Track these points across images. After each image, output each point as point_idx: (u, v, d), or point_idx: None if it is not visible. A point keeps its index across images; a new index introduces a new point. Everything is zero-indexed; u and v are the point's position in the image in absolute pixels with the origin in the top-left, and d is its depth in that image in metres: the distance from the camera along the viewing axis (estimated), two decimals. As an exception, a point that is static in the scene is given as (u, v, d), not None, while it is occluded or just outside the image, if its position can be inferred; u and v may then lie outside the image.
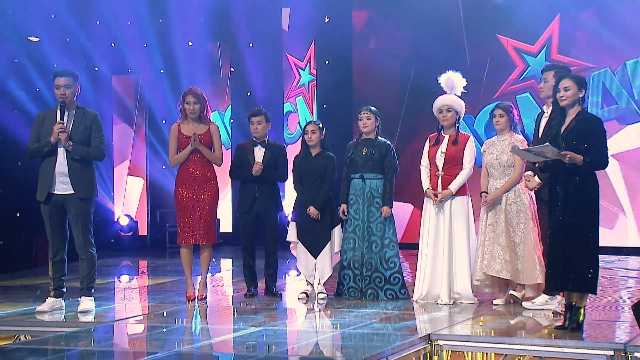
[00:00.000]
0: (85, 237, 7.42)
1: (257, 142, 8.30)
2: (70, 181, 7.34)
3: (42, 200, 7.37)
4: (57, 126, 7.26)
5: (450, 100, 7.84)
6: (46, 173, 7.36)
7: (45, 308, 7.46)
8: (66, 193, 7.36)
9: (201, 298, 8.08)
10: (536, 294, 7.40)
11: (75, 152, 7.32)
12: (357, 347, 6.11)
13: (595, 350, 5.82)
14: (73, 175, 7.34)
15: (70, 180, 7.34)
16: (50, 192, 7.34)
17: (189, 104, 8.02)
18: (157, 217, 14.78)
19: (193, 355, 6.00)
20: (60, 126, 7.25)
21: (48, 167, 7.36)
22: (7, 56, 11.82)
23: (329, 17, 13.81)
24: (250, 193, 8.25)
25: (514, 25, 12.65)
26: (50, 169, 7.35)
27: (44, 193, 7.35)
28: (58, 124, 7.27)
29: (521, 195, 7.45)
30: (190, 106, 8.02)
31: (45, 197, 7.34)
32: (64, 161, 7.34)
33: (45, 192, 7.34)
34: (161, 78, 14.46)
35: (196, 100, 8.02)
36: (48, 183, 7.34)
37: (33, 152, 7.43)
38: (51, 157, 7.35)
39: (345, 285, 8.12)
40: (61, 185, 7.35)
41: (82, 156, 7.35)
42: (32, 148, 7.42)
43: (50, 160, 7.35)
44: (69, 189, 7.35)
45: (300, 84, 14.43)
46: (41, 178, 7.40)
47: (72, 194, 7.35)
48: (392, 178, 8.06)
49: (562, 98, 6.28)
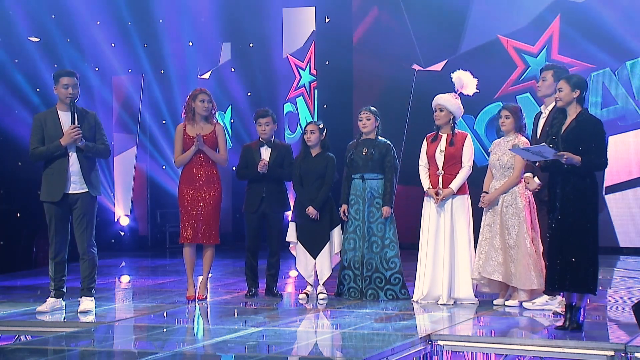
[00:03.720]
0: (88, 237, 7.44)
1: (263, 142, 8.31)
2: (85, 180, 7.38)
3: (55, 200, 7.37)
4: (74, 131, 7.28)
5: (444, 100, 7.84)
6: (57, 174, 7.36)
7: (45, 308, 7.46)
8: (79, 192, 7.40)
9: (201, 298, 8.08)
10: (529, 298, 7.40)
11: (88, 150, 7.38)
12: (357, 348, 6.11)
13: (596, 351, 5.83)
14: (86, 174, 7.40)
15: (85, 179, 7.39)
16: (65, 193, 7.36)
17: (203, 101, 8.03)
18: (158, 217, 14.77)
19: (193, 355, 6.00)
20: (77, 131, 7.28)
21: (60, 168, 7.36)
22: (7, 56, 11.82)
23: (329, 18, 13.81)
24: (257, 193, 8.25)
25: (515, 25, 12.66)
26: (63, 169, 7.35)
27: (58, 194, 7.35)
28: (74, 129, 7.28)
29: (517, 198, 7.45)
30: (204, 104, 8.03)
31: (60, 197, 7.35)
32: (76, 161, 7.37)
33: (60, 192, 7.35)
34: (162, 78, 14.46)
35: (209, 98, 8.07)
36: (62, 184, 7.35)
37: (40, 155, 7.40)
38: (62, 158, 7.36)
39: (346, 285, 8.12)
40: (74, 185, 7.38)
41: (94, 153, 7.44)
42: (40, 151, 7.39)
43: (62, 161, 7.36)
44: (82, 187, 7.40)
45: (300, 84, 14.42)
46: (51, 179, 7.38)
47: (86, 192, 7.40)
48: (392, 178, 8.06)
49: (556, 99, 6.38)
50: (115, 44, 14.14)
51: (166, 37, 14.29)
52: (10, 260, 11.23)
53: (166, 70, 14.43)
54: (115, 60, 14.26)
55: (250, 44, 14.40)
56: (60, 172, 7.36)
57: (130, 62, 14.45)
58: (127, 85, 14.62)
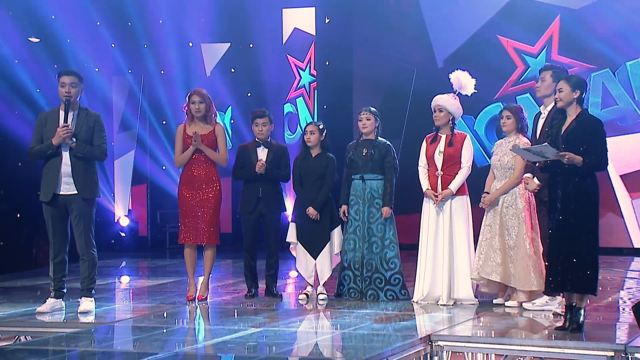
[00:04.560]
0: (86, 238, 7.43)
1: (259, 142, 8.31)
2: (74, 181, 7.35)
3: (46, 201, 7.37)
4: (62, 129, 7.27)
5: (443, 100, 7.84)
6: (51, 174, 7.37)
7: (45, 309, 7.46)
8: (70, 193, 7.37)
9: (202, 299, 8.08)
10: (529, 299, 7.40)
11: (78, 150, 7.34)
12: (357, 348, 6.11)
13: (596, 351, 5.82)
14: (77, 176, 7.36)
15: (74, 180, 7.35)
16: (56, 193, 7.36)
17: (194, 103, 8.04)
18: (158, 218, 14.78)
19: (193, 356, 6.00)
20: (65, 129, 7.26)
21: (53, 168, 7.36)
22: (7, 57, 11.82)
23: (329, 18, 13.82)
24: (253, 193, 8.25)
25: (515, 25, 12.66)
26: (56, 169, 7.35)
27: (49, 194, 7.36)
28: (63, 127, 7.27)
29: (517, 199, 7.45)
30: (195, 105, 8.04)
31: (50, 198, 7.35)
32: (69, 162, 7.36)
33: (50, 193, 7.35)
34: (161, 79, 14.46)
35: (201, 99, 8.05)
36: (53, 184, 7.35)
37: (36, 153, 7.43)
38: (55, 158, 7.35)
39: (346, 286, 8.12)
40: (65, 185, 7.37)
41: (84, 154, 7.37)
42: (35, 150, 7.42)
43: (55, 161, 7.36)
44: (72, 189, 7.37)
45: (300, 85, 14.42)
46: (45, 179, 7.40)
47: (76, 194, 7.37)
48: (392, 178, 8.06)
49: (557, 99, 6.37)
50: (115, 45, 14.15)
51: (166, 38, 14.29)
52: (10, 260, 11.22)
53: (166, 71, 14.43)
54: (116, 60, 14.27)
55: (250, 44, 14.40)
56: (53, 172, 7.36)
57: (130, 62, 14.45)
58: (128, 85, 14.63)
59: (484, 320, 7.01)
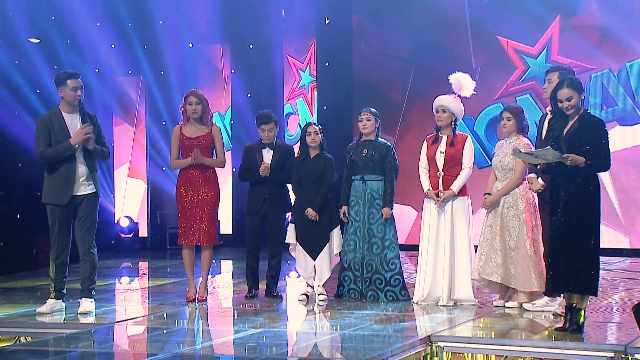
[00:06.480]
0: (91, 237, 7.47)
1: (265, 144, 8.31)
2: (93, 181, 7.44)
3: (63, 204, 7.37)
4: (85, 130, 7.31)
5: (446, 101, 7.83)
6: (65, 176, 7.36)
7: (45, 309, 7.46)
8: (86, 193, 7.42)
9: (201, 299, 8.08)
10: (529, 300, 7.40)
11: (96, 153, 7.45)
12: (357, 349, 6.11)
13: (596, 352, 5.83)
14: (93, 175, 7.46)
15: (93, 180, 7.45)
16: (73, 195, 7.38)
17: (191, 104, 8.05)
18: (158, 219, 14.78)
19: (193, 356, 6.00)
20: (87, 130, 7.31)
21: (67, 170, 7.36)
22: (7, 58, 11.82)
23: (329, 19, 13.82)
24: (259, 195, 8.25)
25: (514, 26, 12.66)
26: (71, 171, 7.36)
27: (66, 196, 7.36)
28: (85, 128, 7.31)
29: (518, 200, 7.44)
30: (192, 106, 8.04)
31: (68, 200, 7.36)
32: (83, 162, 7.41)
33: (68, 195, 7.36)
34: (161, 80, 14.46)
35: (198, 100, 8.05)
36: (70, 186, 7.37)
37: (50, 156, 7.37)
38: (69, 159, 7.36)
39: (346, 286, 8.12)
40: (82, 187, 7.42)
41: (96, 155, 7.50)
42: (49, 152, 7.36)
43: (70, 162, 7.37)
44: (90, 189, 7.44)
45: (300, 86, 14.43)
46: (58, 182, 7.37)
47: (93, 192, 7.44)
48: (392, 179, 8.06)
49: (567, 109, 6.28)
50: (115, 46, 14.15)
51: (166, 39, 14.30)
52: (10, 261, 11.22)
53: (166, 72, 14.44)
54: (115, 61, 14.27)
55: (250, 45, 14.40)
56: (67, 174, 7.36)
57: (130, 63, 14.46)
58: (127, 86, 14.63)
59: (484, 321, 7.01)
